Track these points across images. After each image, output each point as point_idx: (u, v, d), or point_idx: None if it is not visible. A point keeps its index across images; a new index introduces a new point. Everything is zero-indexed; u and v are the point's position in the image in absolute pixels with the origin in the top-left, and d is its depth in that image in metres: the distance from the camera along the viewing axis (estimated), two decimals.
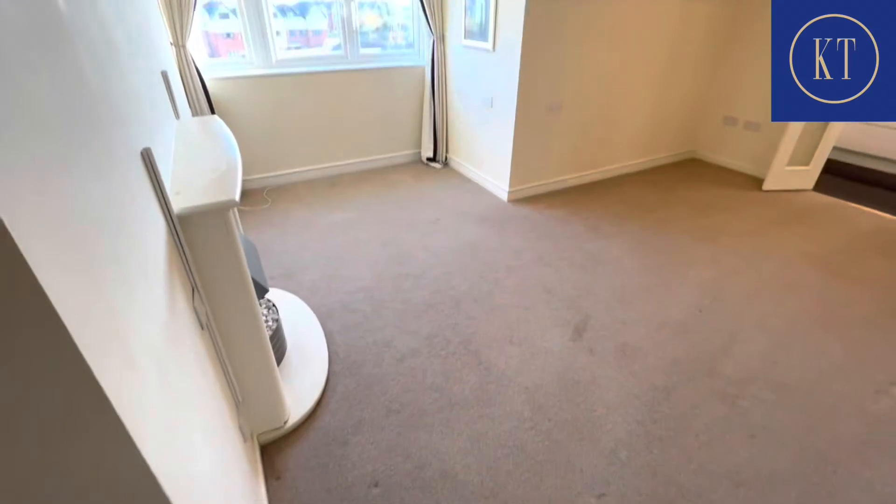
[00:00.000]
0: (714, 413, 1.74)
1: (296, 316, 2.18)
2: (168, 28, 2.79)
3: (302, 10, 3.63)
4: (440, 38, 3.73)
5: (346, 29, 3.61)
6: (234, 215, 1.43)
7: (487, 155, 3.62)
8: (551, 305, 2.32)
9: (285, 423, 1.63)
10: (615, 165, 3.97)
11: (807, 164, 3.63)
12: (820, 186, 3.73)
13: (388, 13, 3.91)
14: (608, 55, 3.32)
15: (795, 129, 3.43)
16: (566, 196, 3.61)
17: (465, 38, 3.49)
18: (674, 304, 2.33)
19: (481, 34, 3.28)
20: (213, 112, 3.13)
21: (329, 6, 3.59)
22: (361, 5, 3.64)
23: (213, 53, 3.32)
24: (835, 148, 4.09)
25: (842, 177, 4.01)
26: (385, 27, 3.95)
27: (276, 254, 2.77)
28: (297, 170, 3.81)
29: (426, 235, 2.99)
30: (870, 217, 3.30)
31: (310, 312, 2.21)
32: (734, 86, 4.01)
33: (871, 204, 3.48)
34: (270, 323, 1.80)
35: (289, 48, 3.61)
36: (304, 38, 3.75)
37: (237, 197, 1.15)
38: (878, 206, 3.44)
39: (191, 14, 2.82)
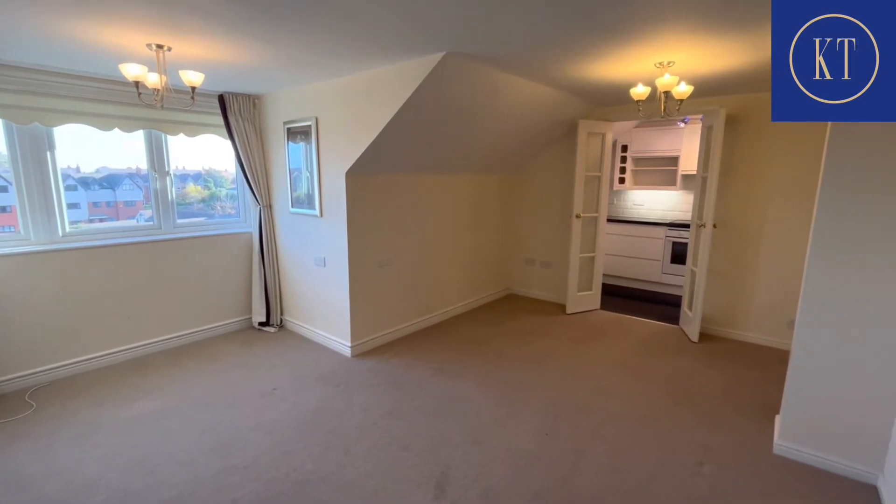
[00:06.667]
0: None
1: None
2: None
3: (111, 183, 3.42)
4: (267, 207, 3.84)
5: (161, 200, 3.45)
6: None
7: (325, 313, 3.56)
8: (409, 464, 2.14)
9: None
10: (449, 307, 4.31)
11: (590, 289, 4.55)
12: (604, 305, 4.66)
13: (216, 185, 3.95)
14: (425, 216, 3.85)
15: (575, 263, 4.36)
16: (409, 342, 3.68)
17: (292, 206, 3.67)
18: (525, 434, 2.41)
19: (308, 203, 3.50)
20: None
21: (145, 179, 3.44)
22: (185, 178, 3.62)
23: None
24: (606, 274, 5.31)
25: (615, 295, 5.11)
26: (213, 197, 3.94)
27: (35, 481, 2.01)
28: (85, 357, 3.08)
29: (260, 411, 2.60)
30: (643, 325, 4.18)
31: None
32: (526, 234, 5.02)
33: (639, 314, 4.46)
34: None
35: (90, 220, 3.27)
36: (112, 209, 3.47)
37: None
38: (644, 315, 4.41)
39: None
